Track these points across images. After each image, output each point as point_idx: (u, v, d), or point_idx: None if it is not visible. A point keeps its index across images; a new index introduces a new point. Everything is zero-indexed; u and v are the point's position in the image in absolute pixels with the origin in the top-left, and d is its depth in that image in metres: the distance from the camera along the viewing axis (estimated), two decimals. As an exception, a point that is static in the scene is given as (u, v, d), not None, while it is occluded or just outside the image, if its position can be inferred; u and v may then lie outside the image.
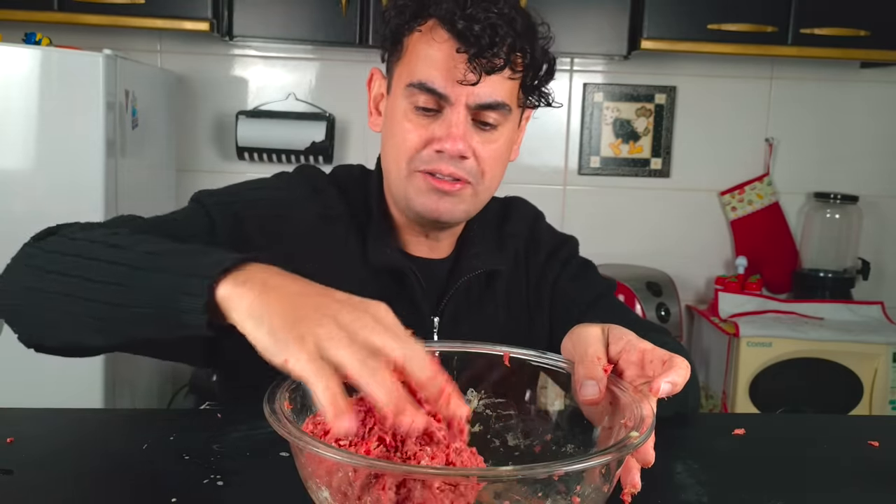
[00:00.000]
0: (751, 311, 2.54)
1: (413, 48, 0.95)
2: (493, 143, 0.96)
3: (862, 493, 0.80)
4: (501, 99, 0.94)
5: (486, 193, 1.00)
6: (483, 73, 0.90)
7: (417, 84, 0.93)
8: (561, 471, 0.57)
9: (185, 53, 2.61)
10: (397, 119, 0.96)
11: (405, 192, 0.97)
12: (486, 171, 0.96)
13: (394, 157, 0.98)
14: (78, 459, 0.81)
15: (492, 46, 0.90)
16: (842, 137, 2.77)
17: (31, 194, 1.93)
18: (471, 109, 0.93)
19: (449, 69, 0.91)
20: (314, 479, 0.59)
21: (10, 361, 1.93)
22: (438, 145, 0.93)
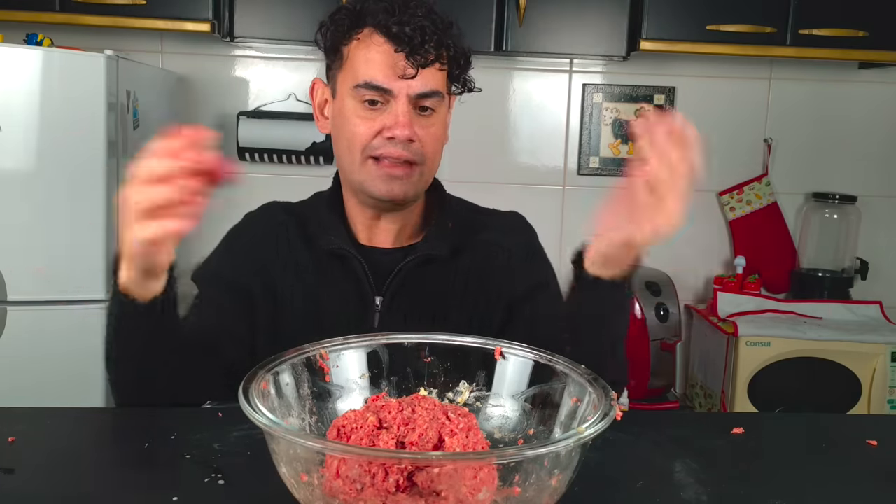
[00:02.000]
0: (749, 311, 2.54)
1: (353, 54, 1.09)
2: (432, 126, 1.11)
3: (860, 492, 0.80)
4: (436, 87, 1.10)
5: (430, 172, 1.14)
6: (419, 67, 1.06)
7: (364, 84, 1.07)
8: (493, 459, 0.60)
9: (187, 54, 2.61)
10: (347, 116, 1.10)
11: (361, 179, 1.11)
12: (428, 153, 1.11)
13: (347, 150, 1.11)
14: (78, 459, 0.81)
15: (423, 44, 1.06)
16: (840, 138, 2.78)
17: (32, 195, 1.93)
18: (411, 100, 1.08)
19: (389, 67, 1.06)
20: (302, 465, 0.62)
21: (10, 361, 1.94)
22: (389, 132, 1.07)
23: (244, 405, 0.63)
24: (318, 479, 0.61)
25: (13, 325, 1.93)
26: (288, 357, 0.74)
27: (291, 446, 0.61)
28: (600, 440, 0.87)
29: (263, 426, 0.60)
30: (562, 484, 0.64)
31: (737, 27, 2.34)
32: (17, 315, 1.92)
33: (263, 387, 0.68)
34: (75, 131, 1.92)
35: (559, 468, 0.63)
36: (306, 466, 0.61)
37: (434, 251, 1.15)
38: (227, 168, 0.79)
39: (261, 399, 0.65)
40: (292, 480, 0.62)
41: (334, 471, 0.60)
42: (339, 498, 0.60)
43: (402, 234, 1.19)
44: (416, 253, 1.14)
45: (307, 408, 0.74)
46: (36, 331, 1.93)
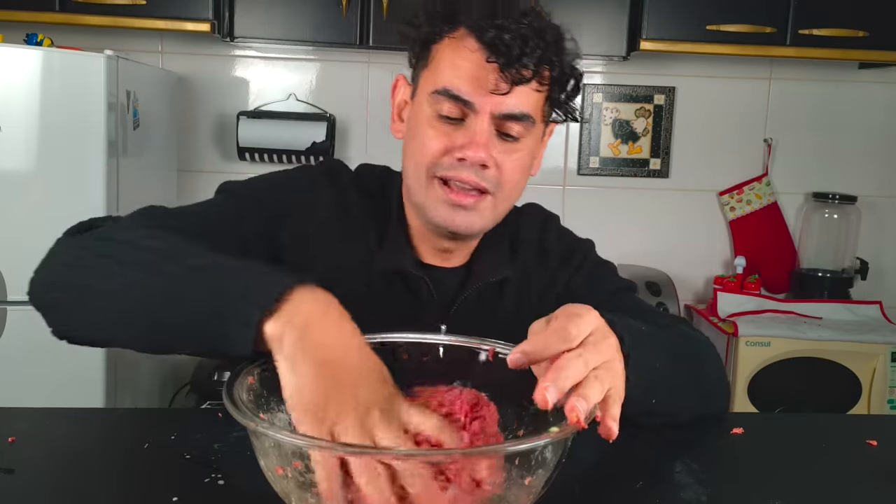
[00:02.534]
0: (749, 311, 2.54)
1: (441, 55, 0.95)
2: (515, 153, 0.95)
3: (860, 492, 0.80)
4: (527, 111, 0.93)
5: (505, 206, 0.99)
6: (511, 83, 0.90)
7: (443, 91, 0.93)
8: (456, 456, 0.59)
9: (187, 54, 2.61)
10: (420, 125, 0.96)
11: (423, 201, 0.97)
12: (505, 183, 0.96)
13: (414, 164, 0.97)
14: (78, 459, 0.81)
15: (521, 57, 0.90)
16: (840, 138, 2.78)
17: (32, 195, 1.93)
18: (495, 119, 0.93)
19: (476, 78, 0.91)
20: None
21: (10, 361, 1.94)
22: (460, 153, 0.93)
23: (225, 398, 0.62)
24: (291, 472, 0.61)
25: (13, 325, 1.93)
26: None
27: (266, 439, 0.60)
28: (600, 441, 0.87)
29: (240, 419, 0.59)
30: (537, 484, 0.64)
31: (737, 27, 2.34)
32: (16, 315, 1.92)
33: (250, 381, 0.67)
34: (75, 131, 1.92)
35: (532, 468, 0.63)
36: (280, 461, 0.61)
37: (501, 273, 1.05)
38: None
39: (246, 393, 0.65)
40: (269, 474, 0.63)
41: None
42: (312, 491, 0.60)
43: (462, 253, 1.07)
44: (481, 276, 1.04)
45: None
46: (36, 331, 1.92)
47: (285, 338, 0.64)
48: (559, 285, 1.09)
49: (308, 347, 0.63)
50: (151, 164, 2.36)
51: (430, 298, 1.01)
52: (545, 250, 1.11)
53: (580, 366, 0.65)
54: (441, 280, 1.03)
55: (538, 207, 1.18)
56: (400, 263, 1.00)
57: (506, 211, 1.01)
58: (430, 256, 1.05)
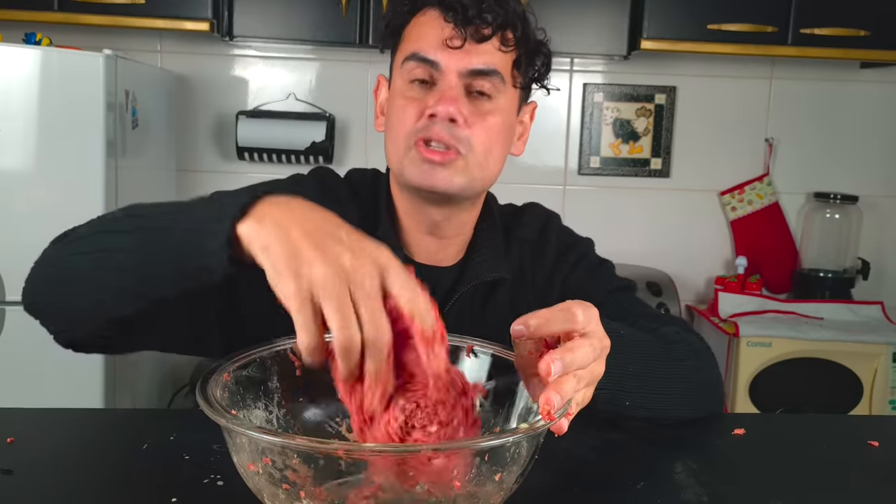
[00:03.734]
0: (751, 311, 2.54)
1: (409, 34, 0.99)
2: (488, 115, 0.97)
3: (862, 493, 0.80)
4: (494, 66, 0.96)
5: (480, 170, 0.99)
6: (471, 40, 0.94)
7: (410, 56, 0.96)
8: (428, 450, 0.58)
9: (186, 53, 2.61)
10: (396, 100, 0.99)
11: (402, 168, 0.99)
12: (476, 142, 0.96)
13: (393, 137, 0.99)
14: (78, 459, 0.81)
15: (479, 14, 0.93)
16: (842, 137, 2.77)
17: (31, 194, 1.93)
18: (463, 77, 0.95)
19: (438, 37, 0.95)
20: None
21: (10, 361, 1.94)
22: (431, 109, 0.95)
23: (198, 394, 0.62)
24: (262, 468, 0.61)
25: (12, 325, 1.93)
26: (256, 351, 0.72)
27: (237, 435, 0.61)
28: (600, 441, 0.87)
29: (211, 416, 0.60)
30: (507, 480, 0.63)
31: (738, 26, 2.34)
32: (16, 315, 1.92)
33: (225, 378, 0.68)
34: (74, 131, 1.92)
35: (501, 464, 0.63)
36: (251, 457, 0.62)
37: (495, 273, 1.05)
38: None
39: (220, 390, 0.65)
40: (242, 470, 0.63)
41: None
42: (283, 487, 0.60)
43: (452, 247, 1.07)
44: (475, 275, 1.04)
45: (275, 400, 0.73)
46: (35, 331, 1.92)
47: (258, 231, 0.64)
48: (557, 283, 1.09)
49: (280, 229, 0.64)
50: (150, 164, 2.35)
51: None
52: (543, 248, 1.11)
53: (588, 355, 0.65)
54: (434, 279, 1.03)
55: (539, 206, 1.18)
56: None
57: (482, 176, 1.00)
58: (424, 254, 1.06)
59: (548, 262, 1.10)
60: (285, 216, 0.65)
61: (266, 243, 0.63)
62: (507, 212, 1.15)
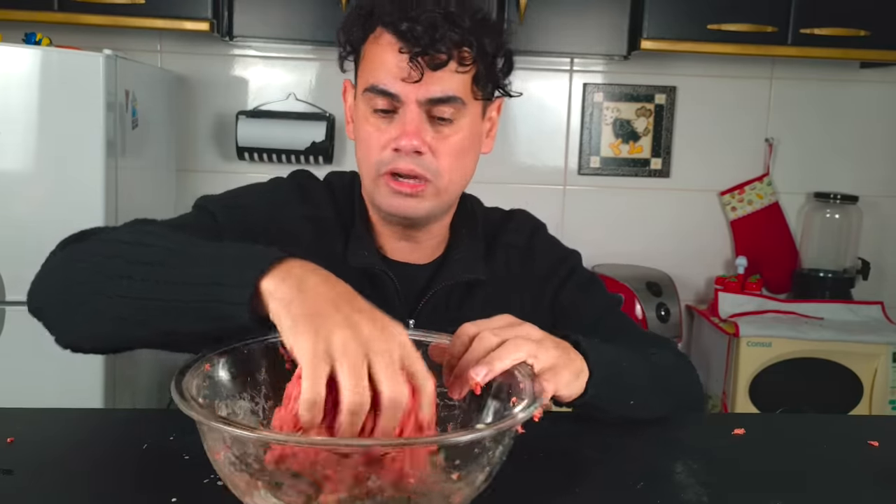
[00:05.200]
0: (751, 311, 2.54)
1: (367, 55, 0.99)
2: (450, 137, 0.98)
3: (862, 493, 0.80)
4: (452, 93, 0.95)
5: (450, 189, 1.01)
6: (428, 69, 0.93)
7: (370, 88, 0.96)
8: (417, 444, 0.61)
9: (186, 53, 2.61)
10: (361, 124, 1.00)
11: (374, 195, 1.01)
12: (443, 168, 0.98)
13: (363, 160, 1.01)
14: (78, 459, 0.81)
15: (433, 44, 0.92)
16: (842, 137, 2.77)
17: (31, 194, 1.93)
18: (423, 105, 0.95)
19: (396, 69, 0.94)
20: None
21: (10, 361, 1.94)
22: (395, 143, 0.96)
23: (173, 387, 0.63)
24: (224, 455, 0.63)
25: (12, 325, 1.93)
26: (246, 343, 0.73)
27: (200, 424, 0.62)
28: (600, 441, 0.87)
29: (182, 407, 0.61)
30: (468, 481, 0.64)
31: (738, 26, 2.34)
32: (16, 315, 1.91)
33: (206, 368, 0.69)
34: (74, 131, 1.92)
35: (463, 463, 0.63)
36: (214, 444, 0.63)
37: (472, 273, 1.05)
38: None
39: (198, 379, 0.67)
40: (210, 456, 0.65)
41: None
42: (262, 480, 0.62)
43: (427, 248, 1.08)
44: (451, 275, 1.05)
45: (262, 392, 0.74)
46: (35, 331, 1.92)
47: (280, 287, 0.67)
48: (548, 292, 1.11)
49: (302, 290, 0.66)
50: (150, 164, 2.35)
51: (396, 294, 1.02)
52: (532, 254, 1.13)
53: (490, 337, 0.75)
54: (409, 276, 1.04)
55: (527, 214, 1.19)
56: (364, 260, 1.01)
57: (452, 193, 1.02)
58: (398, 252, 1.06)
59: (539, 269, 1.12)
60: (308, 277, 0.68)
61: (287, 298, 0.66)
62: (493, 216, 1.16)
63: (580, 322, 1.08)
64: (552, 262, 1.13)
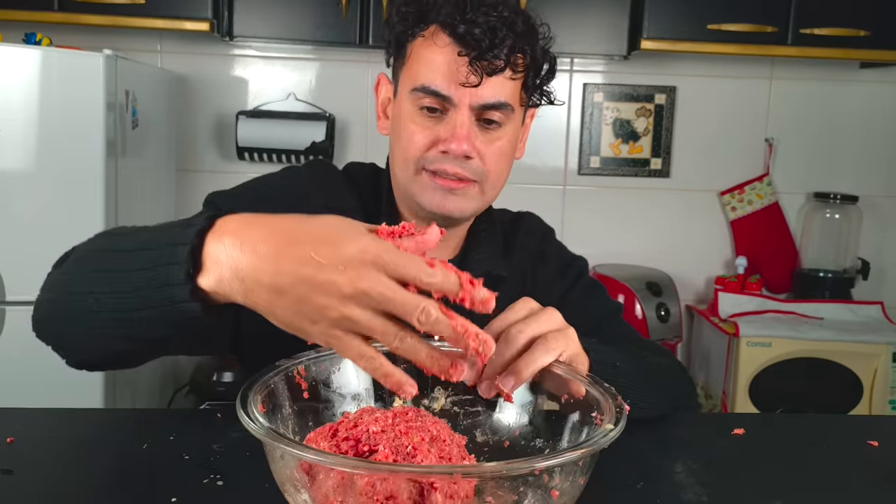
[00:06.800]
0: (751, 311, 2.54)
1: (416, 53, 0.97)
2: (497, 141, 0.98)
3: (862, 493, 0.80)
4: (504, 99, 0.96)
5: (493, 191, 1.02)
6: (484, 74, 0.93)
7: (421, 88, 0.95)
8: (542, 465, 0.58)
9: (186, 53, 2.61)
10: (404, 122, 0.98)
11: (412, 191, 1.00)
12: (490, 171, 0.99)
13: (401, 159, 1.00)
14: (78, 459, 0.81)
15: (492, 49, 0.92)
16: (842, 137, 2.77)
17: (31, 194, 1.93)
18: (474, 110, 0.95)
19: (451, 72, 0.94)
20: (292, 481, 0.60)
21: (10, 361, 1.94)
22: (444, 146, 0.95)
23: (244, 418, 0.60)
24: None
25: (12, 325, 1.93)
26: (269, 375, 0.69)
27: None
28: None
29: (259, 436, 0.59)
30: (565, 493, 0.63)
31: (738, 26, 2.34)
32: (16, 315, 1.91)
33: (260, 409, 0.65)
34: (74, 131, 1.92)
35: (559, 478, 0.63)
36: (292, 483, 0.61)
37: (496, 269, 1.06)
38: None
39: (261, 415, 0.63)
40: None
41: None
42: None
43: (449, 246, 1.08)
44: (475, 271, 1.05)
45: (290, 428, 0.71)
46: (35, 331, 1.93)
47: (224, 283, 0.63)
48: (554, 297, 1.11)
49: (244, 276, 0.62)
50: (150, 164, 2.35)
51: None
52: (544, 260, 1.14)
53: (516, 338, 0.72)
54: None
55: (537, 218, 1.21)
56: None
57: (493, 196, 1.03)
58: None
59: (550, 272, 1.13)
60: (240, 254, 0.62)
61: (244, 290, 0.62)
62: (505, 216, 1.18)
63: (581, 325, 1.08)
64: (561, 266, 1.15)
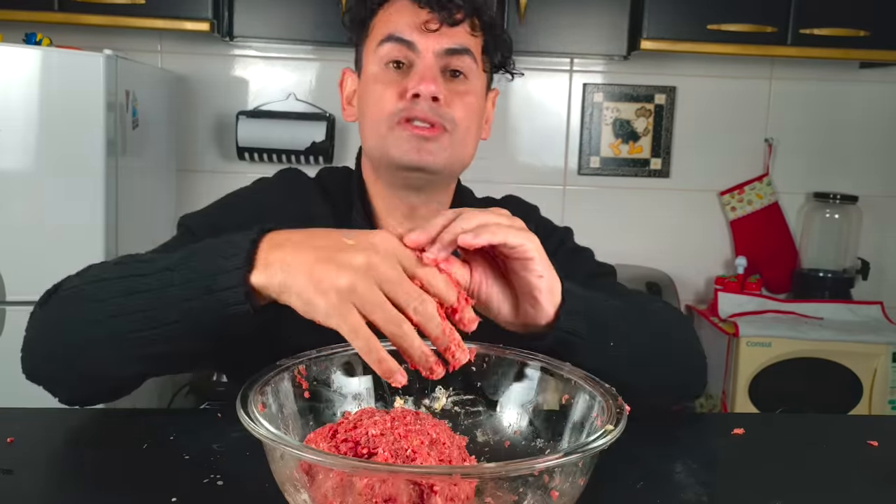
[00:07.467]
0: (750, 311, 2.54)
1: (378, 23, 1.02)
2: (465, 94, 1.00)
3: (861, 493, 0.80)
4: (466, 45, 1.00)
5: (462, 147, 1.01)
6: (444, 24, 0.98)
7: (387, 38, 0.99)
8: (542, 466, 0.58)
9: (186, 54, 2.61)
10: (371, 86, 1.00)
11: (387, 148, 0.99)
12: (459, 119, 0.99)
13: (373, 121, 1.00)
14: (78, 459, 0.81)
15: (450, 1, 0.98)
16: (841, 137, 2.77)
17: (31, 195, 1.93)
18: (439, 56, 0.98)
19: (413, 20, 0.98)
20: (292, 481, 0.60)
21: (10, 361, 1.93)
22: (413, 89, 0.97)
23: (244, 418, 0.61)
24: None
25: (13, 325, 1.93)
26: (270, 375, 0.70)
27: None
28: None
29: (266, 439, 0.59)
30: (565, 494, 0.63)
31: (738, 27, 2.34)
32: (16, 315, 1.91)
33: (260, 409, 0.65)
34: (74, 131, 1.92)
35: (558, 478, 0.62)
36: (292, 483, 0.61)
37: None
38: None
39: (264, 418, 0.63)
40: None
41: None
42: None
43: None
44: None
45: (290, 428, 0.70)
46: (35, 331, 1.92)
47: (271, 277, 0.69)
48: None
49: (288, 266, 0.68)
50: (151, 164, 2.35)
51: None
52: None
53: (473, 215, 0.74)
54: None
55: (520, 199, 1.20)
56: None
57: (463, 154, 1.03)
58: None
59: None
60: (288, 251, 0.68)
61: (282, 285, 0.67)
62: (486, 203, 1.16)
63: None
64: (544, 237, 1.12)
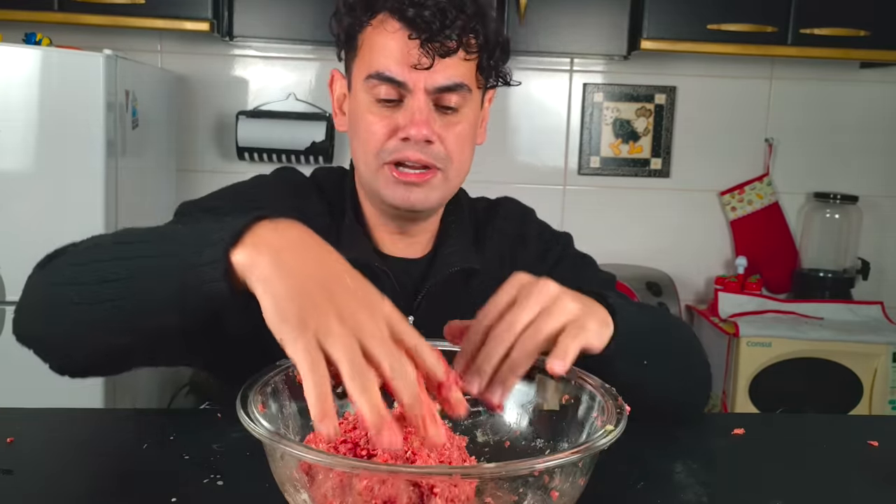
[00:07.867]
0: (751, 311, 2.54)
1: (368, 42, 0.96)
2: (457, 126, 0.97)
3: (861, 493, 0.80)
4: (459, 80, 0.95)
5: (457, 178, 1.01)
6: (437, 56, 0.92)
7: (375, 75, 0.94)
8: (542, 466, 0.57)
9: (186, 53, 2.61)
10: (361, 114, 0.97)
11: (376, 187, 0.98)
12: (453, 155, 0.97)
13: (362, 152, 0.98)
14: (78, 459, 0.81)
15: (443, 30, 0.91)
16: (841, 137, 2.77)
17: (31, 194, 1.93)
18: (431, 94, 0.94)
19: (404, 56, 0.92)
20: (292, 481, 0.60)
21: (10, 361, 1.93)
22: (403, 133, 0.94)
23: (244, 418, 0.60)
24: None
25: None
26: (270, 375, 0.69)
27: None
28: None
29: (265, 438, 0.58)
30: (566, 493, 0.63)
31: (738, 26, 2.34)
32: (16, 315, 1.91)
33: (261, 409, 0.64)
34: (74, 131, 1.92)
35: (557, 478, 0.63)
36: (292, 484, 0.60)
37: (466, 263, 1.04)
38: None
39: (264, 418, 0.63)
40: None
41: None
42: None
43: (420, 242, 1.07)
44: (445, 267, 1.03)
45: (290, 428, 0.70)
46: (35, 331, 1.92)
47: (256, 262, 0.63)
48: (541, 274, 1.09)
49: (278, 264, 0.63)
50: (150, 164, 2.35)
51: (394, 290, 1.00)
52: (524, 240, 1.12)
53: (524, 315, 0.72)
54: (404, 271, 1.03)
55: (515, 201, 1.19)
56: (358, 255, 0.97)
57: (458, 183, 1.02)
58: (391, 246, 1.05)
59: (531, 254, 1.10)
60: (286, 248, 0.64)
61: (263, 271, 0.62)
62: (480, 205, 1.15)
63: None
64: (544, 244, 1.12)
